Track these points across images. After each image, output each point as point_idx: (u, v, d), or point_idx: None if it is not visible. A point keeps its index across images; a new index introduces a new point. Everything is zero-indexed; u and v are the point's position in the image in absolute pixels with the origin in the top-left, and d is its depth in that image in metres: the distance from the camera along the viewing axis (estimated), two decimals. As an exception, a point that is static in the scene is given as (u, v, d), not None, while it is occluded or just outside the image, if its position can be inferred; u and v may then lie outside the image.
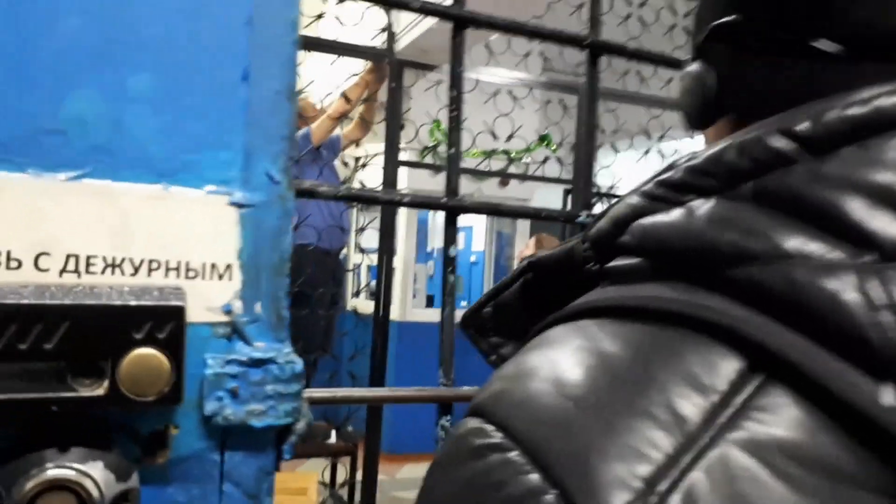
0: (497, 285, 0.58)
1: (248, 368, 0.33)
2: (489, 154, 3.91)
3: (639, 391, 0.26)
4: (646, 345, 0.28)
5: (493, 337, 0.58)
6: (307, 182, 0.62)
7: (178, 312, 0.31)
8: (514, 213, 0.77)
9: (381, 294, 3.45)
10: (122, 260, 0.33)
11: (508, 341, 0.58)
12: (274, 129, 0.33)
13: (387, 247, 3.48)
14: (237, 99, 0.33)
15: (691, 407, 0.25)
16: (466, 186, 4.26)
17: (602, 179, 4.20)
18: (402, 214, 4.27)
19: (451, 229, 0.73)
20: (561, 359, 0.29)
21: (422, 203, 0.71)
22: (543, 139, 4.67)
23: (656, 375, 0.26)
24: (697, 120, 0.43)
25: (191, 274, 0.33)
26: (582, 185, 0.75)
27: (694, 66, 0.43)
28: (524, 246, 4.28)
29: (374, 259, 3.67)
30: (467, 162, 4.17)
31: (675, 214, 0.32)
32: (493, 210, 0.76)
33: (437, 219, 6.29)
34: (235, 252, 0.33)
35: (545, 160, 4.26)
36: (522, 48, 3.87)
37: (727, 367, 0.26)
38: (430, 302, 5.35)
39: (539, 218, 0.78)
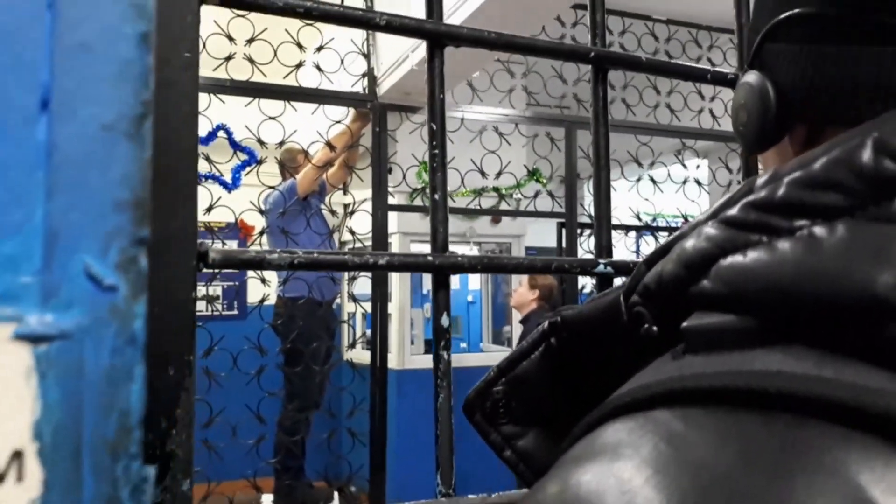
0: (510, 355, 0.46)
1: None
2: (479, 192, 3.84)
3: None
4: (771, 451, 0.20)
5: (506, 425, 0.45)
6: (254, 248, 0.47)
7: None
8: (519, 269, 0.62)
9: (377, 343, 3.29)
10: None
11: (528, 429, 0.45)
12: (101, 191, 0.18)
13: (380, 293, 3.32)
14: (29, 142, 0.18)
15: None
16: (457, 226, 4.15)
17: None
18: (394, 259, 4.15)
19: (442, 293, 0.57)
20: (632, 477, 0.21)
21: (403, 265, 0.56)
22: (533, 174, 4.58)
23: (798, 499, 0.18)
24: (759, 138, 0.36)
25: (-60, 478, 0.18)
26: (602, 227, 0.60)
27: (749, 76, 0.37)
28: (518, 283, 4.17)
29: (368, 307, 3.52)
30: (458, 201, 4.08)
31: (787, 248, 0.24)
32: (491, 266, 0.60)
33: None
34: (28, 427, 0.18)
35: (536, 195, 4.16)
36: (505, 84, 3.80)
37: None
38: (428, 347, 5.19)
39: (550, 272, 0.63)
